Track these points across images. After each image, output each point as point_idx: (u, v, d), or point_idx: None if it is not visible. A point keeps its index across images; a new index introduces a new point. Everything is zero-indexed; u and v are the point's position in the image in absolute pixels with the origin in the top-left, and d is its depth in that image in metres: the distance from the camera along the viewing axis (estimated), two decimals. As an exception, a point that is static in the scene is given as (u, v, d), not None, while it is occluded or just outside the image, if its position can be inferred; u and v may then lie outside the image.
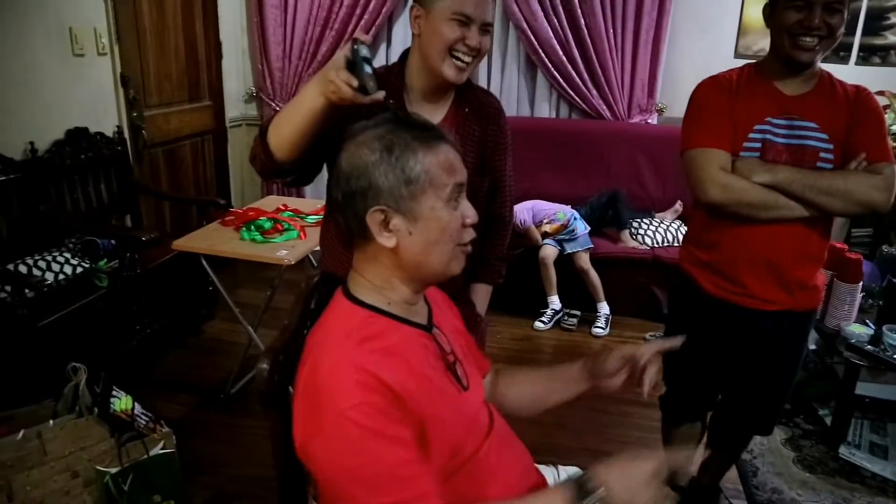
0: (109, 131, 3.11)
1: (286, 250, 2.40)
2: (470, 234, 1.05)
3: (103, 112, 3.10)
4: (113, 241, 2.76)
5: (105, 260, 2.70)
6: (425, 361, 1.02)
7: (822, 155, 1.55)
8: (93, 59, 3.01)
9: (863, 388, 2.39)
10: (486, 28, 1.37)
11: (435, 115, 1.46)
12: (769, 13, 1.58)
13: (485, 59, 3.86)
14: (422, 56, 1.41)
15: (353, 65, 1.12)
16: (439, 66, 1.37)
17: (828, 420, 2.60)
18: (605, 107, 3.91)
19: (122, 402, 2.12)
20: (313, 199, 3.54)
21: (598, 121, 3.93)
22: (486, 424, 1.13)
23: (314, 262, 3.15)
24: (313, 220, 2.70)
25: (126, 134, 3.22)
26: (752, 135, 1.57)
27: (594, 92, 3.89)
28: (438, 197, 0.99)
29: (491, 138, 1.53)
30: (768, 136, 1.56)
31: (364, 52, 1.13)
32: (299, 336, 1.07)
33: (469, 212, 1.04)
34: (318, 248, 2.76)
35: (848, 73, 3.52)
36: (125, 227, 3.18)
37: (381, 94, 1.16)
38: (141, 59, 3.31)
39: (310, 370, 0.95)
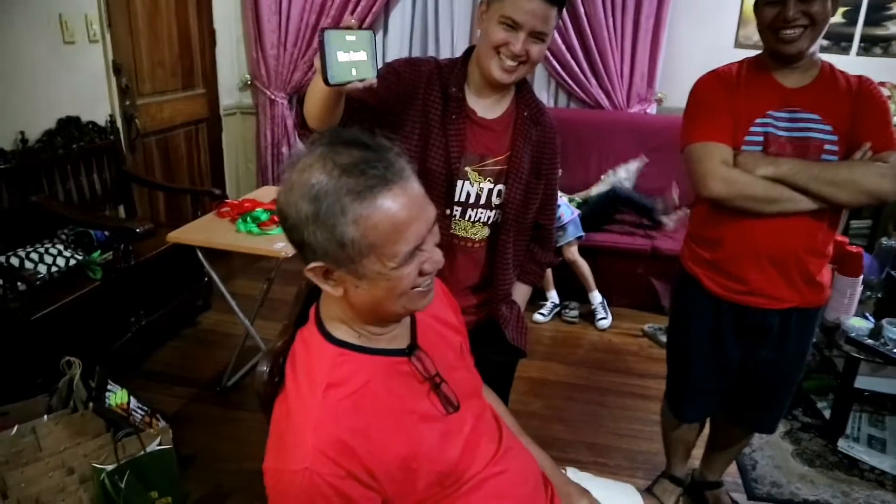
0: (102, 120, 3.06)
1: (283, 242, 2.36)
2: (429, 279, 0.92)
3: (95, 101, 3.05)
4: (106, 233, 2.72)
5: (99, 252, 2.67)
6: (404, 392, 0.95)
7: (827, 147, 1.50)
8: (84, 47, 2.95)
9: (862, 382, 2.39)
10: (537, 36, 1.34)
11: (494, 110, 1.47)
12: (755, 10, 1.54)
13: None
14: (477, 51, 1.42)
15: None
16: (487, 64, 1.37)
17: (826, 413, 2.60)
18: (604, 96, 3.87)
19: (117, 395, 2.09)
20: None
21: (597, 110, 3.90)
22: (492, 440, 1.07)
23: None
24: (310, 212, 2.66)
25: (119, 123, 3.17)
26: (753, 128, 1.53)
27: (593, 81, 3.85)
28: (384, 265, 0.85)
29: (548, 147, 1.52)
30: (770, 130, 1.52)
31: (333, 39, 1.02)
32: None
33: (434, 257, 0.90)
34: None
35: (849, 63, 3.48)
36: (119, 219, 3.14)
37: (355, 84, 1.08)
38: (133, 47, 3.25)
39: (281, 408, 0.93)
